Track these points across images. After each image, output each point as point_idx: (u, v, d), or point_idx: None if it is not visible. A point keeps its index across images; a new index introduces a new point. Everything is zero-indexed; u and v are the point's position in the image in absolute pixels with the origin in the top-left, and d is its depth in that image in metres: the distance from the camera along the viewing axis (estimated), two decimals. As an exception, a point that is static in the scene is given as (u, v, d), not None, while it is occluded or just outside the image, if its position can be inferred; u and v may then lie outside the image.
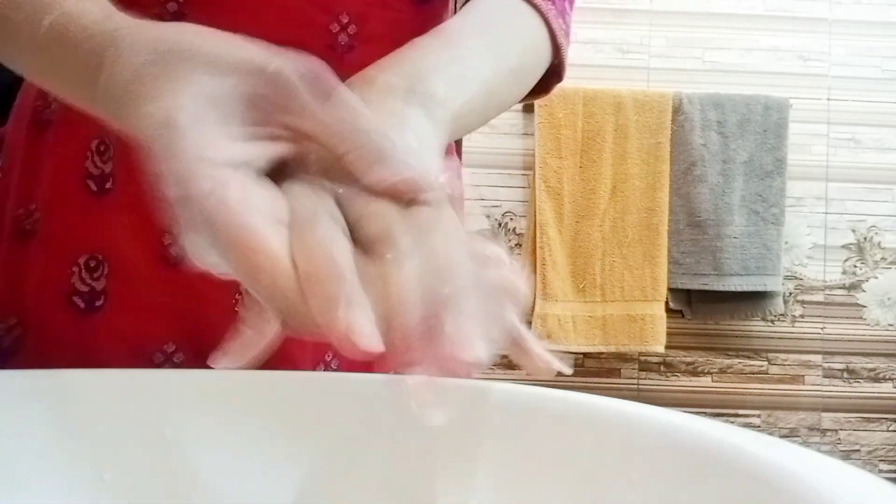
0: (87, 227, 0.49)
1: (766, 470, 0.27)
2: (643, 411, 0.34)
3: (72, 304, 0.48)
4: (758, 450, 0.28)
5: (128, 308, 0.49)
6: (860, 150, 2.12)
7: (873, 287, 2.11)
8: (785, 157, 2.01)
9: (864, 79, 2.12)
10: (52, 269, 0.49)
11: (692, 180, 1.99)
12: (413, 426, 0.40)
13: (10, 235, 0.50)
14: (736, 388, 2.11)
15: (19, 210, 0.50)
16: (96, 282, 0.49)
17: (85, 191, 0.49)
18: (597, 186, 1.98)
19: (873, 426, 2.12)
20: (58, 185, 0.50)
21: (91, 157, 0.49)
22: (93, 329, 0.49)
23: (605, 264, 1.98)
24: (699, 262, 1.99)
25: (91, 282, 0.49)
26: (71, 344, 0.48)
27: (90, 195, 0.49)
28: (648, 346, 1.98)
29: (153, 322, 0.49)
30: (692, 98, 2.00)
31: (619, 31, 2.11)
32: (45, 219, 0.50)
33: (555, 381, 2.06)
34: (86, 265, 0.49)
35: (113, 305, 0.49)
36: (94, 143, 0.50)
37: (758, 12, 2.12)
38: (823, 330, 2.12)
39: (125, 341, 0.48)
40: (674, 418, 0.33)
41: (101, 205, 0.49)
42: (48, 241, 0.50)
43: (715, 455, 0.29)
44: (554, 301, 1.95)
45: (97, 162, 0.49)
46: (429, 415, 0.28)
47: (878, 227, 2.12)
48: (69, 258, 0.49)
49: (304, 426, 0.40)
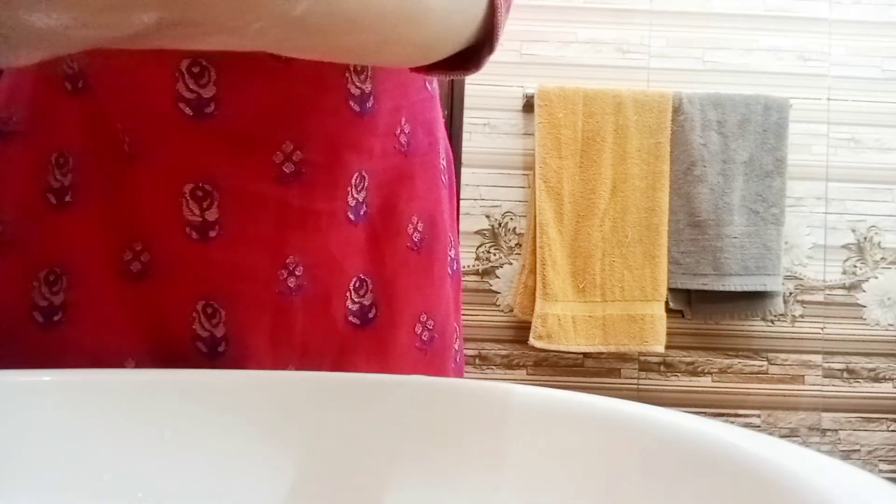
0: (47, 241, 0.48)
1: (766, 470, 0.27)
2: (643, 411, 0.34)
3: (32, 318, 0.48)
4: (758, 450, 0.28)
5: (87, 322, 0.48)
6: (860, 150, 2.12)
7: (873, 287, 2.12)
8: (785, 157, 2.01)
9: (864, 79, 2.12)
10: (14, 283, 0.48)
11: (692, 180, 1.99)
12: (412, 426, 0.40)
13: None
14: (736, 388, 2.11)
15: None
16: (55, 296, 0.48)
17: (45, 203, 0.48)
18: (597, 186, 1.98)
19: (873, 426, 2.12)
20: (19, 198, 0.49)
21: (52, 170, 0.48)
22: (53, 343, 0.47)
23: (605, 264, 1.98)
24: (699, 262, 1.99)
25: (50, 296, 0.48)
26: (33, 359, 0.47)
27: (50, 208, 0.48)
28: (648, 346, 1.98)
29: (113, 336, 0.48)
30: (692, 98, 2.00)
31: (619, 31, 2.11)
32: (6, 232, 0.49)
33: (555, 381, 2.06)
34: (45, 279, 0.48)
35: (71, 319, 0.48)
36: (53, 156, 0.49)
37: (758, 12, 2.12)
38: (823, 330, 2.12)
39: (85, 356, 0.47)
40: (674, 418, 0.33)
41: (61, 218, 0.48)
42: (9, 255, 0.49)
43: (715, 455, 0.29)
44: (554, 301, 1.95)
45: (57, 174, 0.48)
46: None
47: (878, 227, 2.12)
48: (30, 272, 0.48)
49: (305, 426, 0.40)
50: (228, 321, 0.49)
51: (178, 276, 0.48)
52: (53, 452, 0.37)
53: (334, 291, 0.52)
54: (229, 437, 0.39)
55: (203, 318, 0.48)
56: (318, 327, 0.51)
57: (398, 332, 0.55)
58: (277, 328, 0.50)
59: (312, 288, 0.51)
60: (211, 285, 0.48)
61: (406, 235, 0.55)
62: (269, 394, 0.41)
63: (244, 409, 0.40)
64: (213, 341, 0.48)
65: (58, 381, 0.40)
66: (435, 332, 0.58)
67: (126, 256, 0.48)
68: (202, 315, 0.48)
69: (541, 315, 1.94)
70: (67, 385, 0.39)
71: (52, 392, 0.39)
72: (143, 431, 0.38)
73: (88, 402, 0.38)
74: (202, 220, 0.48)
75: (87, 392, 0.39)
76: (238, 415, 0.40)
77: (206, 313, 0.48)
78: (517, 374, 2.08)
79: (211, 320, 0.48)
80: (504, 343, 2.08)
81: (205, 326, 0.48)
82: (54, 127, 0.48)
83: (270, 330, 0.50)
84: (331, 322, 0.52)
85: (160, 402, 0.39)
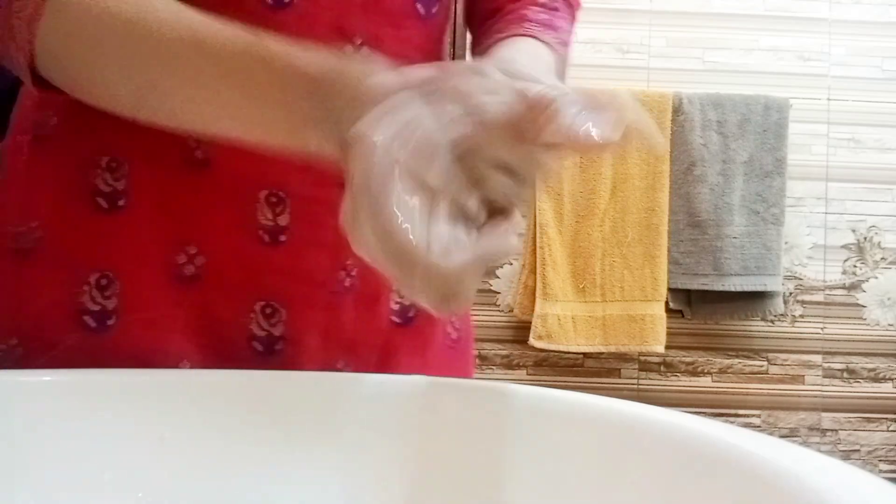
0: (98, 245, 0.49)
1: (766, 470, 0.27)
2: (643, 411, 0.34)
3: (81, 322, 0.48)
4: (758, 449, 0.28)
5: (140, 325, 0.49)
6: (860, 150, 2.12)
7: (873, 287, 2.11)
8: (785, 157, 2.01)
9: (864, 79, 2.12)
10: (59, 288, 0.48)
11: (692, 180, 1.99)
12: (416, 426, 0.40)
13: (9, 253, 0.50)
14: (736, 388, 2.11)
15: (20, 227, 0.49)
16: (107, 300, 0.48)
17: (93, 207, 0.49)
18: (597, 186, 1.98)
19: (873, 426, 2.12)
20: (62, 202, 0.49)
21: (101, 174, 0.49)
22: (104, 348, 0.48)
23: (605, 264, 1.98)
24: (699, 262, 1.99)
25: (102, 300, 0.48)
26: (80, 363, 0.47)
27: (99, 212, 0.49)
28: (648, 346, 1.98)
29: (167, 339, 0.49)
30: (692, 98, 2.00)
31: (619, 31, 2.11)
32: (47, 236, 0.49)
33: (555, 381, 2.06)
34: (96, 283, 0.48)
35: (124, 324, 0.49)
36: (103, 160, 0.49)
37: (758, 12, 2.12)
38: (823, 330, 2.12)
39: (137, 359, 0.48)
40: (674, 418, 0.33)
41: (112, 222, 0.49)
42: (53, 260, 0.49)
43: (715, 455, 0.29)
44: (554, 301, 1.95)
45: (108, 179, 0.49)
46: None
47: (878, 227, 2.12)
48: (78, 277, 0.48)
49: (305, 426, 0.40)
50: (287, 321, 0.51)
51: (237, 277, 0.50)
52: (53, 452, 0.37)
53: (382, 291, 0.55)
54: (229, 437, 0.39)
55: (261, 318, 0.50)
56: (365, 326, 0.54)
57: (435, 330, 0.58)
58: (330, 326, 0.52)
59: (363, 288, 0.53)
60: (272, 286, 0.51)
61: None
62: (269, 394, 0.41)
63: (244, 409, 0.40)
64: (269, 340, 0.50)
65: (58, 381, 0.40)
66: (461, 332, 0.61)
67: (180, 260, 0.50)
68: (260, 315, 0.50)
69: (541, 315, 1.94)
70: (67, 385, 0.39)
71: (52, 392, 0.39)
72: (143, 431, 0.38)
73: (88, 402, 0.39)
74: (274, 224, 0.50)
75: (87, 392, 0.39)
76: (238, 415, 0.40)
77: (264, 313, 0.50)
78: (517, 374, 2.08)
79: (269, 320, 0.51)
80: (504, 343, 2.08)
81: (262, 326, 0.50)
82: (103, 132, 0.49)
83: (323, 328, 0.52)
84: (377, 321, 0.55)
85: (160, 402, 0.39)
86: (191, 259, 0.50)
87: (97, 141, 0.49)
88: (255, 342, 0.50)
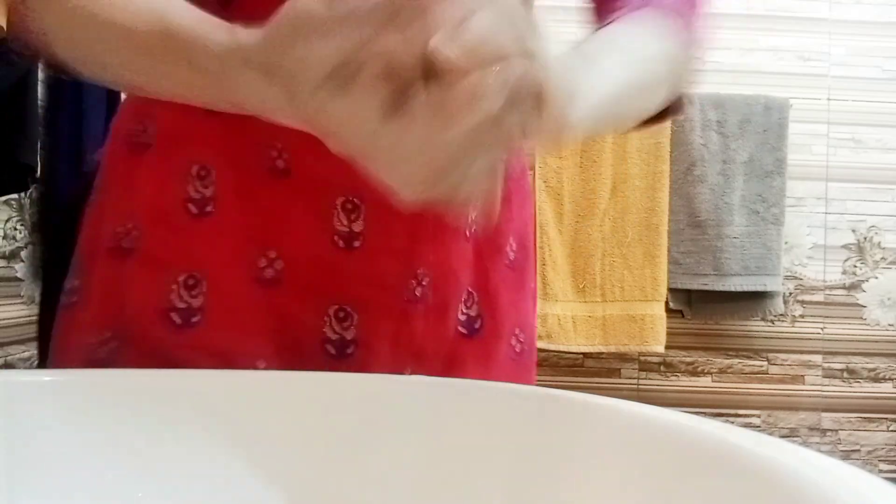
0: (187, 248, 0.51)
1: (766, 470, 0.27)
2: (643, 411, 0.34)
3: (168, 319, 0.50)
4: (758, 450, 0.28)
5: (222, 325, 0.51)
6: (860, 150, 2.12)
7: (873, 287, 2.12)
8: (785, 157, 2.01)
9: (864, 79, 2.12)
10: (152, 286, 0.51)
11: (692, 180, 1.99)
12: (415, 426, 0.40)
13: (108, 252, 0.52)
14: (736, 388, 2.11)
15: (118, 228, 0.52)
16: (194, 299, 0.51)
17: (185, 213, 0.52)
18: (597, 186, 1.98)
19: (873, 426, 2.12)
20: (158, 207, 0.52)
21: (192, 181, 0.52)
22: (187, 344, 0.50)
23: (605, 264, 1.98)
24: (699, 262, 1.99)
25: (189, 299, 0.50)
26: (164, 358, 0.49)
27: (190, 217, 0.52)
28: (648, 346, 1.98)
29: (245, 338, 0.51)
30: (692, 98, 2.00)
31: (619, 31, 2.10)
32: (143, 237, 0.52)
33: (555, 381, 2.06)
34: (184, 283, 0.51)
35: (208, 322, 0.50)
36: (194, 169, 0.52)
37: (758, 12, 2.12)
38: (823, 330, 2.12)
39: (217, 357, 0.49)
40: (674, 418, 0.33)
41: (201, 226, 0.52)
42: (147, 259, 0.51)
43: (715, 455, 0.29)
44: (554, 301, 1.95)
45: (198, 186, 0.52)
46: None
47: (878, 227, 2.12)
48: (169, 276, 0.51)
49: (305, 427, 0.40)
50: (359, 325, 0.52)
51: (314, 282, 0.52)
52: (54, 452, 0.37)
53: (451, 302, 0.56)
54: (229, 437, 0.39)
55: (335, 321, 0.52)
56: (433, 334, 0.55)
57: (500, 343, 0.59)
58: (400, 333, 0.54)
59: (434, 297, 0.55)
60: (346, 291, 0.52)
61: (505, 253, 0.60)
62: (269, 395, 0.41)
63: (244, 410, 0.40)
64: (342, 344, 0.52)
65: (58, 381, 0.40)
66: (525, 345, 0.62)
67: (261, 263, 0.52)
68: (334, 319, 0.52)
69: (541, 315, 1.94)
70: (67, 385, 0.39)
71: (52, 392, 0.39)
72: (143, 431, 0.38)
73: (88, 402, 0.39)
74: (349, 230, 0.52)
75: (87, 392, 0.39)
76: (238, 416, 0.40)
77: (338, 317, 0.52)
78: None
79: (342, 324, 0.52)
80: (504, 343, 2.08)
81: (335, 329, 0.52)
82: (194, 143, 0.52)
83: (394, 335, 0.54)
84: (445, 330, 0.56)
85: (160, 402, 0.39)
86: (271, 263, 0.52)
87: (188, 150, 0.52)
88: (329, 345, 0.52)
